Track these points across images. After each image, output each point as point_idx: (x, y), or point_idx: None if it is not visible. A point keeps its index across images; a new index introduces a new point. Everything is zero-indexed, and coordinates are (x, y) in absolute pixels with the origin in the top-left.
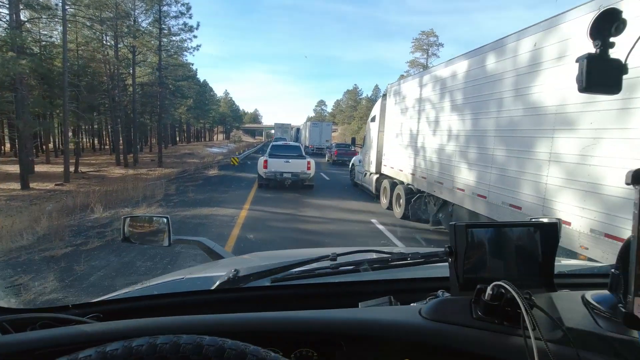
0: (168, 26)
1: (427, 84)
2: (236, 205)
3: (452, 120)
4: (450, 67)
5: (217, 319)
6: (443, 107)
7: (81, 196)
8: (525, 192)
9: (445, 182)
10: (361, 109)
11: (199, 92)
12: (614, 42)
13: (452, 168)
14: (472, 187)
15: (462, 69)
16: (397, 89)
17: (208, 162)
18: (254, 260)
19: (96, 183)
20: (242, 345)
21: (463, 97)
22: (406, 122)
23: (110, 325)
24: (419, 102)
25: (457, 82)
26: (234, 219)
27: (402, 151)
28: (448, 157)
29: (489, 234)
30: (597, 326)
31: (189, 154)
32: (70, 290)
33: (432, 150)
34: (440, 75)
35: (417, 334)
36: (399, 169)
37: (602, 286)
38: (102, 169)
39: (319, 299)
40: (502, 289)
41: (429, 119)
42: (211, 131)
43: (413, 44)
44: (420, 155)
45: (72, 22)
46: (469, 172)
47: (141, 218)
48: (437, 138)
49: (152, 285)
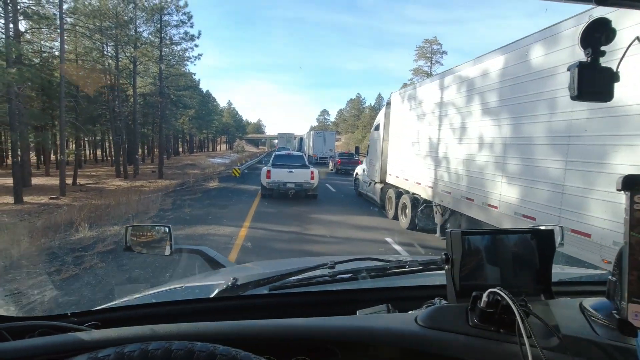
0: (169, 35)
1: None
2: (235, 222)
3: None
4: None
5: (213, 327)
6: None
7: (73, 211)
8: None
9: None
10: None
11: (201, 102)
12: (604, 51)
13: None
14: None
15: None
16: (411, 93)
17: (209, 174)
18: (254, 269)
19: (92, 196)
20: (233, 352)
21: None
22: (421, 130)
23: (106, 332)
24: (439, 107)
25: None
26: (232, 239)
27: (413, 161)
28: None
29: (485, 241)
30: (593, 333)
31: (190, 165)
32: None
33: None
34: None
35: (413, 341)
36: (404, 178)
37: (602, 294)
38: (102, 181)
39: (318, 307)
40: (498, 296)
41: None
42: (214, 141)
43: (416, 52)
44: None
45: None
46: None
47: (143, 227)
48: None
49: (151, 294)
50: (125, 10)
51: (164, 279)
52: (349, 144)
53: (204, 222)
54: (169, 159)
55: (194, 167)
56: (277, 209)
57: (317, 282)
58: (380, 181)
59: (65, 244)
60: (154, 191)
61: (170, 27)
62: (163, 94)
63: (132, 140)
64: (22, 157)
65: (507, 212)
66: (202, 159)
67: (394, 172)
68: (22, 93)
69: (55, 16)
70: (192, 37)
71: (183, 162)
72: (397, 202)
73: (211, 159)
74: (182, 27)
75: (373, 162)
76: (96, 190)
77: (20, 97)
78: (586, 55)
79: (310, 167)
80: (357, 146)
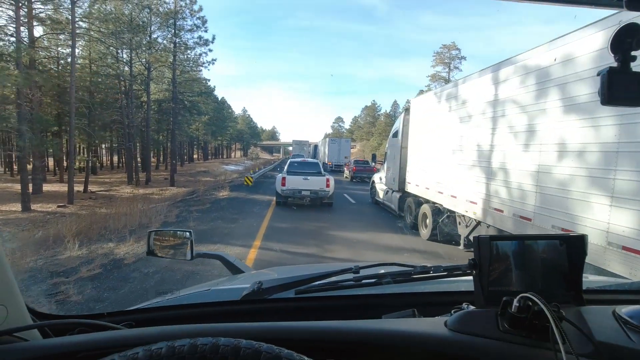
0: (183, 40)
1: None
2: (244, 240)
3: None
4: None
5: (240, 327)
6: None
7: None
8: None
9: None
10: (380, 125)
11: (216, 109)
12: (635, 56)
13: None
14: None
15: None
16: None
17: (221, 181)
18: (276, 274)
19: (100, 204)
20: (255, 344)
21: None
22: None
23: (140, 331)
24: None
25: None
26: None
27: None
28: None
29: (513, 247)
30: (630, 341)
31: (204, 172)
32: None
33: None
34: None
35: (443, 345)
36: (425, 187)
37: (634, 303)
38: (113, 188)
39: (343, 312)
40: (529, 302)
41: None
42: (229, 148)
43: (434, 58)
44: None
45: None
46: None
47: (165, 232)
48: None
49: (181, 296)
50: (140, 15)
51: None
52: (364, 152)
53: (208, 240)
54: (182, 166)
55: (207, 174)
56: (292, 223)
57: (342, 286)
58: (398, 189)
59: (50, 264)
60: (162, 200)
61: (185, 32)
62: (176, 100)
63: (145, 147)
64: (33, 163)
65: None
66: (216, 166)
67: (414, 180)
68: (34, 99)
69: (68, 20)
70: (206, 42)
71: (196, 169)
72: (416, 211)
73: (225, 166)
74: (197, 31)
75: (391, 170)
76: (106, 198)
77: (34, 103)
78: (616, 60)
79: (326, 175)
80: (374, 154)
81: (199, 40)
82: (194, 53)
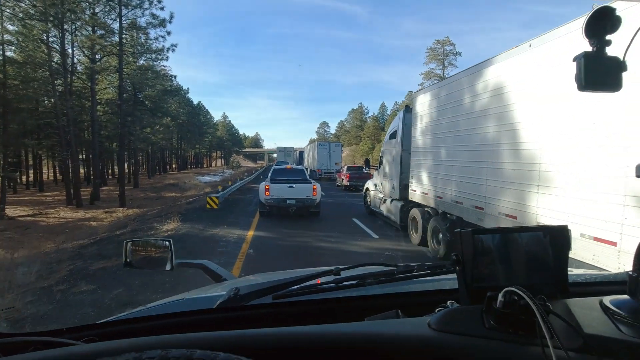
0: (131, 19)
1: None
2: None
3: None
4: None
5: (212, 336)
6: None
7: None
8: None
9: None
10: (368, 129)
11: (190, 113)
12: (610, 40)
13: None
14: None
15: None
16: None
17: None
18: (258, 280)
19: (5, 238)
20: (211, 355)
21: None
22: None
23: (100, 345)
24: None
25: None
26: None
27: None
28: None
29: (496, 240)
30: (619, 332)
31: (172, 185)
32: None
33: None
34: None
35: (427, 346)
36: (436, 195)
37: (620, 293)
38: (46, 211)
39: (324, 316)
40: (515, 296)
41: None
42: (209, 156)
43: (427, 54)
44: None
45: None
46: None
47: (143, 242)
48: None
49: (152, 307)
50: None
51: None
52: (354, 156)
53: None
54: (151, 178)
55: (175, 188)
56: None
57: (323, 289)
58: (399, 198)
59: None
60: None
61: (132, 8)
62: (122, 97)
63: (94, 156)
64: None
65: None
66: (190, 177)
67: (421, 187)
68: None
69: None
70: (162, 22)
71: (165, 182)
72: (424, 225)
73: (200, 176)
74: (149, 7)
75: (388, 176)
76: (26, 226)
77: None
78: (591, 45)
79: (312, 182)
80: (367, 158)
81: (152, 19)
82: (152, 37)
